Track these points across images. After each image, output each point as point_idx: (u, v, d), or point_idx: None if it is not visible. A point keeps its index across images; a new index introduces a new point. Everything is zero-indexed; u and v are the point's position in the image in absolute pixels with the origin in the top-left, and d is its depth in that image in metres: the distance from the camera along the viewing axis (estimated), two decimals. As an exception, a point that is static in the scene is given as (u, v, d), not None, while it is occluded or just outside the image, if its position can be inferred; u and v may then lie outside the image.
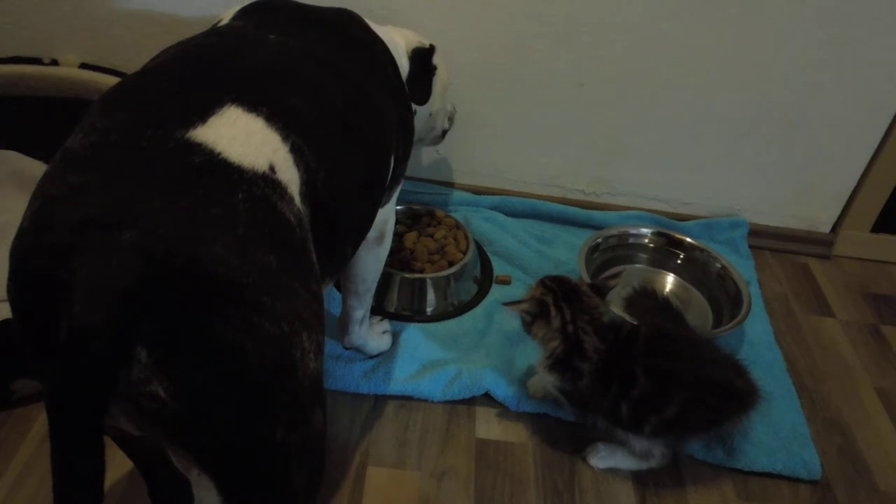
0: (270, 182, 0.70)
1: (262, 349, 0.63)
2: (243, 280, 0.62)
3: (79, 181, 0.62)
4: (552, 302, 1.14)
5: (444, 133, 1.46)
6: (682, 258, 1.62)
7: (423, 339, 1.38)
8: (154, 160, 0.64)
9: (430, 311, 1.45)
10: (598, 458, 1.20)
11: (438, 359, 1.34)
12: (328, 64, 0.89)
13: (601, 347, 1.12)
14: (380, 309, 1.43)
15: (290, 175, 0.73)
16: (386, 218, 1.16)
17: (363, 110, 0.91)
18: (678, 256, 1.62)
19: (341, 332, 1.29)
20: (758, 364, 1.39)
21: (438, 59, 1.29)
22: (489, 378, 1.29)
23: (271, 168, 0.71)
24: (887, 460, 1.28)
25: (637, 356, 1.11)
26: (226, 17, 0.98)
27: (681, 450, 1.21)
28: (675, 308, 1.36)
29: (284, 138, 0.74)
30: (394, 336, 1.37)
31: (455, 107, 1.49)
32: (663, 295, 1.47)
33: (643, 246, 1.64)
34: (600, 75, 1.59)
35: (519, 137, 1.70)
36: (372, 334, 1.32)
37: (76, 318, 0.56)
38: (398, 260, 1.46)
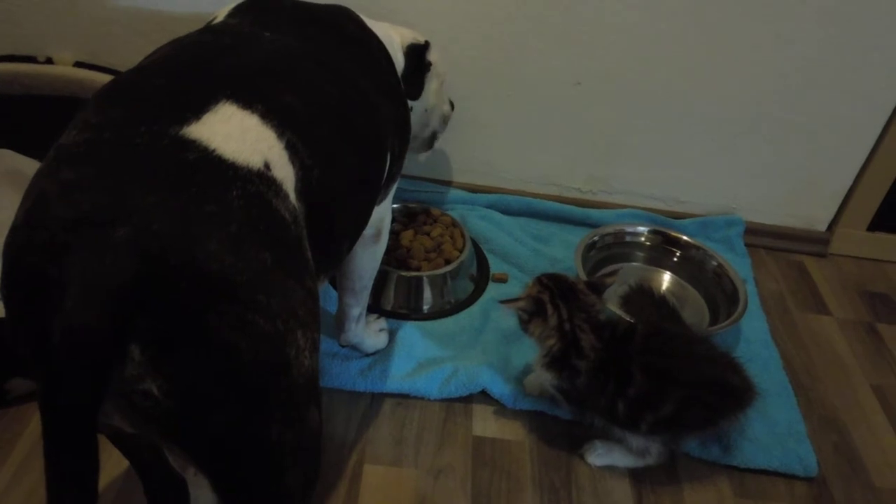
0: (265, 179, 0.70)
1: (257, 347, 0.63)
2: (238, 277, 0.62)
3: (72, 178, 0.62)
4: (549, 300, 1.14)
5: (434, 138, 1.44)
6: (679, 256, 1.62)
7: (420, 337, 1.37)
8: (148, 157, 0.64)
9: (427, 309, 1.45)
10: (596, 456, 1.20)
11: (435, 357, 1.34)
12: (324, 61, 0.89)
13: (598, 346, 1.12)
14: (376, 307, 1.43)
15: (286, 172, 0.73)
16: (382, 215, 1.15)
17: (359, 107, 0.91)
18: (674, 254, 1.62)
19: (338, 330, 1.29)
20: (754, 362, 1.39)
21: (435, 56, 1.29)
22: (486, 376, 1.29)
23: (266, 165, 0.70)
24: (883, 457, 1.29)
25: (634, 354, 1.11)
26: (221, 15, 0.97)
27: (677, 447, 1.21)
28: (672, 306, 1.37)
29: (279, 135, 0.74)
30: (390, 334, 1.37)
31: (453, 105, 1.48)
32: (660, 293, 1.47)
33: (639, 244, 1.64)
34: (597, 74, 1.59)
35: (515, 136, 1.70)
36: (368, 332, 1.31)
37: (69, 316, 0.56)
38: (395, 258, 1.46)
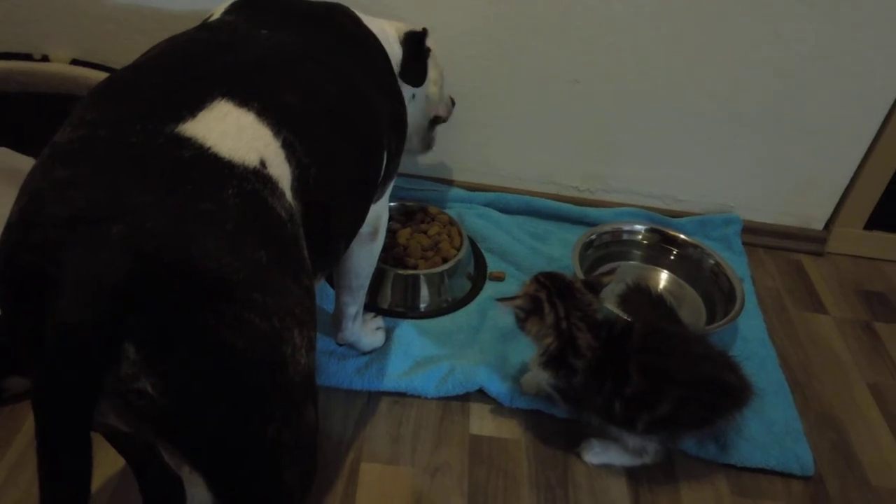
0: (261, 177, 0.69)
1: (253, 345, 0.63)
2: (233, 276, 0.62)
3: (67, 175, 0.62)
4: (546, 298, 1.14)
5: (432, 139, 1.44)
6: (676, 255, 1.62)
7: (417, 336, 1.37)
8: (143, 155, 0.64)
9: (424, 308, 1.45)
10: (592, 454, 1.20)
11: (432, 355, 1.34)
12: (320, 59, 0.89)
13: (594, 344, 1.12)
14: (373, 305, 1.43)
15: (282, 170, 0.73)
16: (379, 213, 1.15)
17: (355, 105, 0.91)
18: (672, 253, 1.62)
19: (334, 329, 1.29)
20: (751, 360, 1.39)
21: (433, 45, 1.28)
22: (483, 374, 1.28)
23: (262, 163, 0.70)
24: (879, 455, 1.29)
25: (631, 353, 1.11)
26: (217, 12, 0.97)
27: (674, 446, 1.21)
28: (669, 305, 1.37)
29: (276, 133, 0.74)
30: (387, 332, 1.37)
31: (453, 99, 1.47)
32: (657, 292, 1.47)
33: (637, 242, 1.64)
34: (595, 72, 1.59)
35: (513, 134, 1.70)
36: (365, 331, 1.31)
37: (63, 314, 0.55)
38: (392, 256, 1.46)
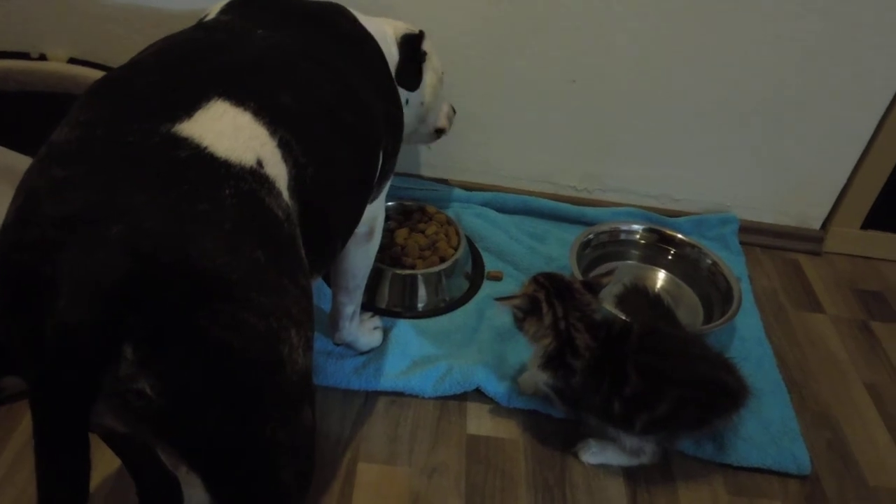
0: (258, 177, 0.69)
1: (250, 345, 0.63)
2: (231, 276, 0.62)
3: (63, 175, 0.62)
4: (544, 298, 1.14)
5: (440, 132, 1.44)
6: (673, 254, 1.62)
7: (415, 336, 1.37)
8: (140, 154, 0.64)
9: (422, 308, 1.45)
10: (590, 454, 1.20)
11: (429, 355, 1.34)
12: (316, 59, 0.89)
13: (593, 345, 1.12)
14: (371, 305, 1.43)
15: (279, 170, 0.73)
16: (375, 213, 1.15)
17: (352, 105, 0.91)
18: (669, 253, 1.62)
19: (332, 329, 1.29)
20: (748, 359, 1.40)
21: (430, 48, 1.28)
22: (480, 374, 1.28)
23: (259, 163, 0.70)
24: (876, 455, 1.29)
25: (629, 354, 1.11)
26: (213, 12, 0.97)
27: (671, 446, 1.21)
28: (666, 305, 1.37)
29: (272, 133, 0.74)
30: (385, 332, 1.37)
31: (453, 108, 1.48)
32: (654, 291, 1.47)
33: (634, 242, 1.64)
34: (592, 72, 1.59)
35: (511, 134, 1.70)
36: (363, 330, 1.31)
37: (61, 315, 0.55)
38: (389, 256, 1.46)
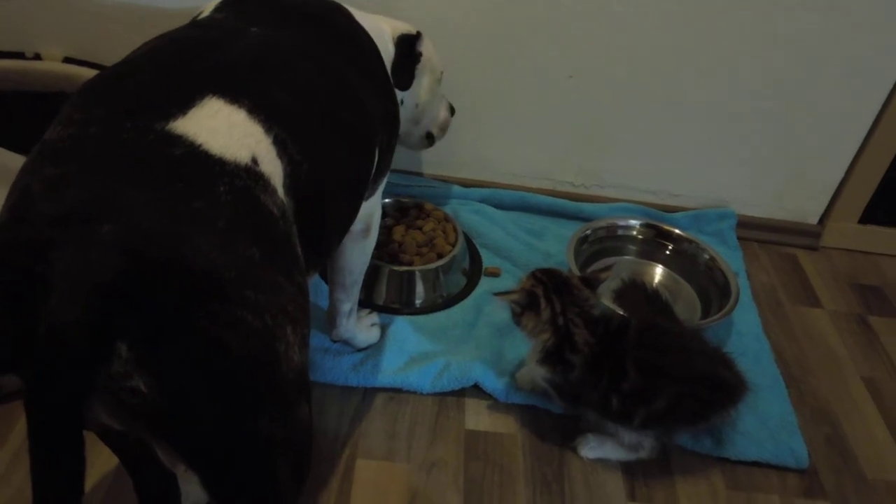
0: (253, 174, 0.69)
1: (245, 343, 0.63)
2: (226, 274, 0.62)
3: (57, 174, 0.61)
4: (542, 294, 1.14)
5: (432, 138, 1.44)
6: (671, 250, 1.62)
7: (412, 332, 1.37)
8: (134, 152, 0.63)
9: (419, 304, 1.45)
10: (588, 449, 1.20)
11: (427, 351, 1.34)
12: (312, 56, 0.88)
13: (591, 340, 1.12)
14: (368, 302, 1.43)
15: (273, 167, 0.73)
16: (371, 210, 1.15)
17: (347, 102, 0.91)
18: (667, 248, 1.62)
19: (329, 325, 1.29)
20: (746, 355, 1.40)
21: (429, 49, 1.28)
22: (478, 370, 1.29)
23: (254, 160, 0.70)
24: (874, 449, 1.29)
25: (627, 349, 1.11)
26: (207, 9, 0.97)
27: (670, 441, 1.21)
28: (664, 300, 1.37)
29: (267, 130, 0.73)
30: (382, 329, 1.37)
31: (453, 108, 1.48)
32: (652, 287, 1.47)
33: (632, 238, 1.64)
34: (589, 67, 1.59)
35: (508, 130, 1.70)
36: (360, 327, 1.31)
37: (54, 313, 0.55)
38: (387, 253, 1.46)
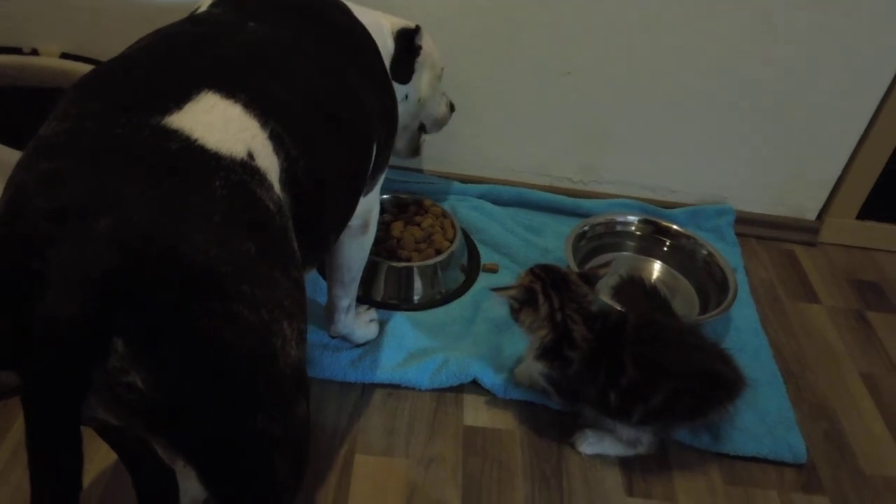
0: (249, 169, 0.69)
1: (242, 338, 0.63)
2: (222, 268, 0.62)
3: (52, 169, 0.61)
4: (540, 290, 1.14)
5: (420, 144, 1.44)
6: (669, 245, 1.62)
7: (411, 328, 1.37)
8: (129, 147, 0.63)
9: (418, 300, 1.45)
10: (587, 445, 1.20)
11: (426, 347, 1.34)
12: (309, 51, 0.88)
13: (589, 336, 1.12)
14: (367, 298, 1.43)
15: (270, 162, 0.73)
16: (369, 206, 1.15)
17: (345, 98, 0.90)
18: (665, 244, 1.62)
19: (327, 321, 1.29)
20: (744, 350, 1.40)
21: (429, 45, 1.28)
22: (477, 366, 1.29)
23: (250, 155, 0.70)
24: (872, 444, 1.29)
25: (625, 345, 1.11)
26: (204, 4, 0.96)
27: (668, 436, 1.21)
28: (663, 296, 1.37)
29: (263, 125, 0.73)
30: (381, 325, 1.36)
31: (453, 104, 1.47)
32: (651, 283, 1.47)
33: (630, 233, 1.64)
34: (587, 64, 1.59)
35: (506, 126, 1.69)
36: (358, 323, 1.31)
37: (51, 309, 0.55)
38: (385, 249, 1.46)
